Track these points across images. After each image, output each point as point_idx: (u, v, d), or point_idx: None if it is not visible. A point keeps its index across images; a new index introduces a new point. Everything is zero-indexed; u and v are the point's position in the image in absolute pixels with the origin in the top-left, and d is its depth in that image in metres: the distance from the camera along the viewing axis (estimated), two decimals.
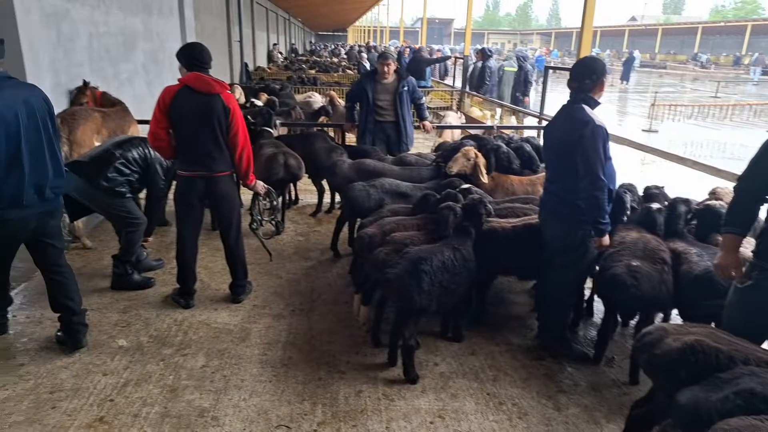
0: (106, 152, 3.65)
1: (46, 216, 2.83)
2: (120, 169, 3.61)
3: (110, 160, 3.59)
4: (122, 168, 3.63)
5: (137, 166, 3.72)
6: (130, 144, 3.77)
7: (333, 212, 5.54)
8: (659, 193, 3.53)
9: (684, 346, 2.08)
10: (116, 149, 3.67)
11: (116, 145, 3.73)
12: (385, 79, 5.28)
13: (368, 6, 29.42)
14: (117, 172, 3.59)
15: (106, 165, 3.57)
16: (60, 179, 2.85)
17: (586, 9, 5.66)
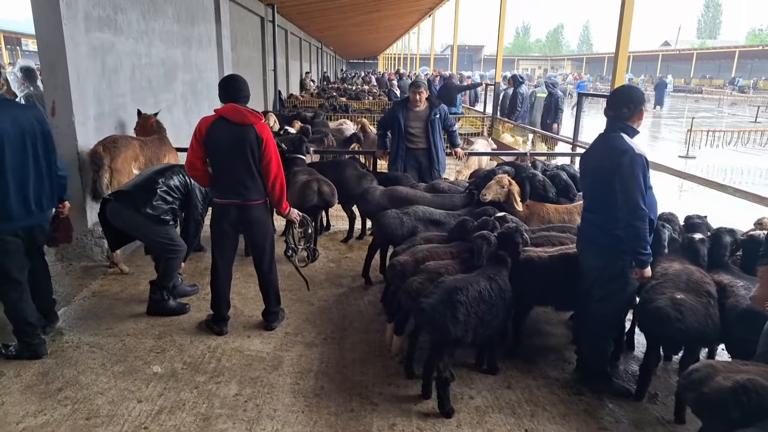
0: (149, 180, 3.75)
1: (35, 229, 3.18)
2: (163, 197, 3.71)
3: (153, 189, 3.69)
4: (165, 196, 3.72)
5: (179, 193, 3.82)
6: (171, 172, 3.88)
7: (364, 239, 5.55)
8: (701, 223, 3.42)
9: (736, 386, 2.00)
10: (158, 177, 3.78)
11: (158, 173, 3.83)
12: (417, 107, 5.34)
13: (399, 34, 30.04)
14: (161, 200, 3.68)
15: (151, 193, 3.67)
16: (46, 195, 3.17)
17: (620, 34, 5.61)
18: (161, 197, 3.69)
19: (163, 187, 3.73)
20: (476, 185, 4.32)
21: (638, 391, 3.00)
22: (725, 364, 2.23)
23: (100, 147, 4.45)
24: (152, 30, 6.13)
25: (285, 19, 16.14)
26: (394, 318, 3.35)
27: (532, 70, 59.97)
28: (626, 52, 5.76)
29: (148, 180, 3.76)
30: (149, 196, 3.64)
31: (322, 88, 21.46)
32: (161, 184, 3.73)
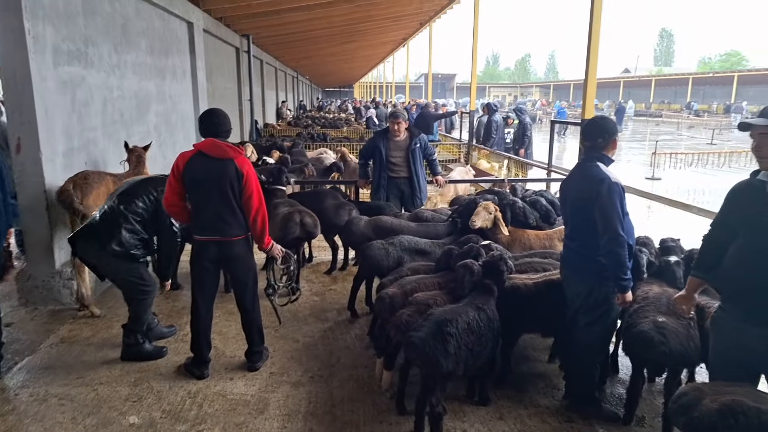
0: (112, 212, 3.49)
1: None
2: (131, 228, 3.47)
3: (118, 221, 3.46)
4: (133, 225, 3.47)
5: (147, 214, 3.54)
6: (134, 195, 3.55)
7: (348, 269, 5.49)
8: (675, 246, 3.52)
9: (722, 408, 2.03)
10: (121, 204, 3.50)
11: (121, 198, 3.55)
12: (397, 136, 5.41)
13: (374, 63, 30.57)
14: (129, 233, 3.47)
15: (116, 226, 3.44)
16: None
17: (588, 65, 5.82)
18: (128, 229, 3.46)
19: (129, 215, 3.47)
20: (459, 213, 4.35)
21: (626, 415, 3.01)
22: (711, 386, 2.27)
23: (70, 184, 4.29)
24: (124, 62, 6.06)
25: (260, 50, 16.25)
26: (383, 352, 3.29)
27: (502, 97, 61.76)
28: (594, 81, 5.97)
29: (111, 211, 3.50)
30: (114, 230, 3.43)
31: (298, 116, 21.55)
32: (126, 212, 3.48)
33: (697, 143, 21.21)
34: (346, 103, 32.67)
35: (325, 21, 12.61)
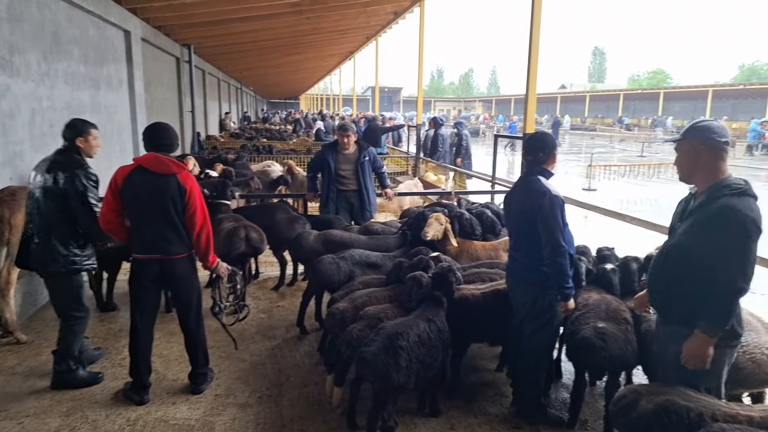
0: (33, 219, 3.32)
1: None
2: (60, 236, 3.27)
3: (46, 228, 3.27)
4: (57, 231, 3.27)
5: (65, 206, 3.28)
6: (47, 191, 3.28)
7: (296, 285, 5.40)
8: (611, 254, 3.70)
9: (657, 408, 2.17)
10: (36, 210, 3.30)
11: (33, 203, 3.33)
12: (346, 149, 5.41)
13: (321, 76, 30.49)
14: (59, 242, 3.27)
15: (44, 235, 3.27)
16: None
17: (529, 81, 6.04)
18: (57, 237, 3.26)
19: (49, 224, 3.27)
20: (409, 225, 4.38)
21: (570, 419, 3.12)
22: (647, 388, 2.40)
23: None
24: (55, 72, 5.72)
25: (202, 60, 15.84)
26: (333, 368, 3.24)
27: (447, 111, 63.23)
28: (534, 97, 6.20)
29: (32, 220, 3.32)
30: (45, 241, 3.26)
31: (242, 127, 21.12)
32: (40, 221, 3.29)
33: (629, 155, 22.57)
34: (294, 114, 32.38)
35: (271, 32, 12.49)
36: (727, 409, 2.12)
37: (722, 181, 2.27)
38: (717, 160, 2.30)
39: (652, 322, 2.98)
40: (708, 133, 2.31)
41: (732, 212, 2.17)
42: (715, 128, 2.32)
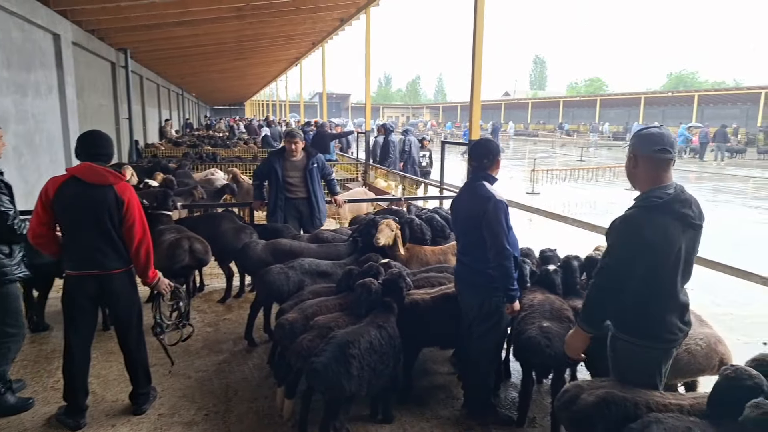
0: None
1: None
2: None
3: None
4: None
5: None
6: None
7: (243, 296, 5.24)
8: (553, 255, 3.84)
9: (598, 400, 2.26)
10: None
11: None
12: (293, 156, 5.33)
13: (266, 81, 29.99)
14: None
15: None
16: None
17: (473, 90, 6.20)
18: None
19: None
20: (360, 232, 4.37)
21: (519, 417, 3.19)
22: (589, 382, 2.49)
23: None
24: None
25: (140, 65, 15.22)
26: (284, 381, 3.18)
27: (396, 118, 63.85)
28: (479, 104, 6.37)
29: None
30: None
31: (184, 135, 20.43)
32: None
33: (569, 160, 23.60)
34: (238, 121, 31.68)
35: (214, 37, 12.18)
36: (660, 399, 2.23)
37: (651, 190, 2.29)
38: (653, 168, 2.29)
39: None
40: (643, 140, 2.32)
41: (612, 226, 2.35)
42: (653, 136, 2.31)
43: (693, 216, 2.27)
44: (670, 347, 2.37)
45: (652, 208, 2.25)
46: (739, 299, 5.70)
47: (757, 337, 4.70)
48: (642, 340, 2.35)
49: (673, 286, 2.31)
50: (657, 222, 2.23)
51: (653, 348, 2.36)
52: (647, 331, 2.34)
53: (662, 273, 2.28)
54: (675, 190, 2.27)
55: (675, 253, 2.26)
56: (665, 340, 2.34)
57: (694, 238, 2.33)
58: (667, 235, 2.22)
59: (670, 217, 2.24)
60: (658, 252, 2.24)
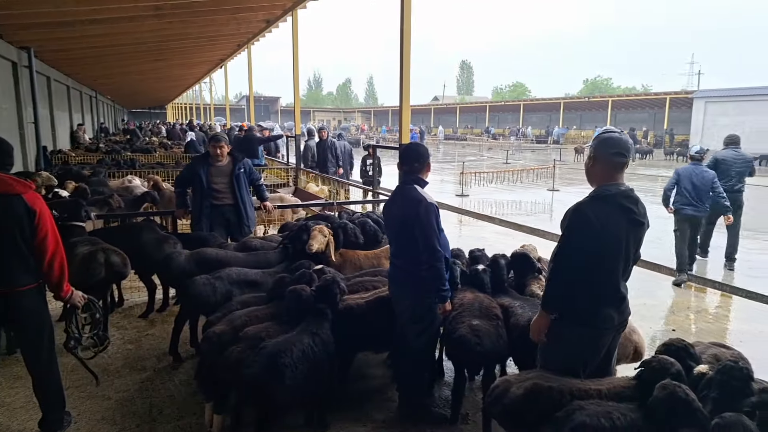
0: None
1: None
2: None
3: None
4: None
5: None
6: None
7: (168, 310, 4.96)
8: (482, 255, 3.97)
9: (526, 392, 2.36)
10: None
11: None
12: (219, 161, 5.13)
13: (189, 84, 28.73)
14: None
15: None
16: None
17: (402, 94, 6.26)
18: None
19: None
20: (291, 238, 4.28)
21: (453, 415, 3.25)
22: (516, 376, 2.60)
23: None
24: None
25: (47, 65, 14.06)
26: (212, 396, 3.04)
27: (327, 121, 63.49)
28: (408, 109, 6.42)
29: None
30: None
31: (99, 139, 19.14)
32: None
33: (496, 163, 24.58)
34: (159, 125, 30.15)
35: (131, 36, 11.47)
36: (581, 386, 2.37)
37: (602, 186, 2.51)
38: (608, 169, 2.51)
39: (519, 316, 3.23)
40: (603, 143, 2.54)
41: (565, 214, 2.54)
42: (612, 140, 2.52)
43: (637, 213, 2.49)
44: (603, 334, 2.56)
45: (599, 198, 2.48)
46: (650, 290, 6.20)
47: (667, 325, 5.12)
48: (579, 326, 2.53)
49: (614, 277, 2.51)
50: (602, 210, 2.46)
51: (587, 334, 2.53)
52: (586, 317, 2.52)
53: (605, 261, 2.48)
54: (624, 188, 2.51)
55: (617, 244, 2.47)
56: (600, 327, 2.53)
57: (639, 236, 2.56)
58: (610, 223, 2.44)
59: (614, 208, 2.46)
60: (601, 238, 2.45)
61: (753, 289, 6.06)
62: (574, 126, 44.03)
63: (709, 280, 6.52)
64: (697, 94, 29.55)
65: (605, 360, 2.67)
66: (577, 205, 2.51)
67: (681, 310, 5.57)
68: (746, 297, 5.98)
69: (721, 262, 7.24)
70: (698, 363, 2.48)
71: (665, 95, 35.20)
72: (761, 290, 6.03)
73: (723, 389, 2.21)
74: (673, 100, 34.40)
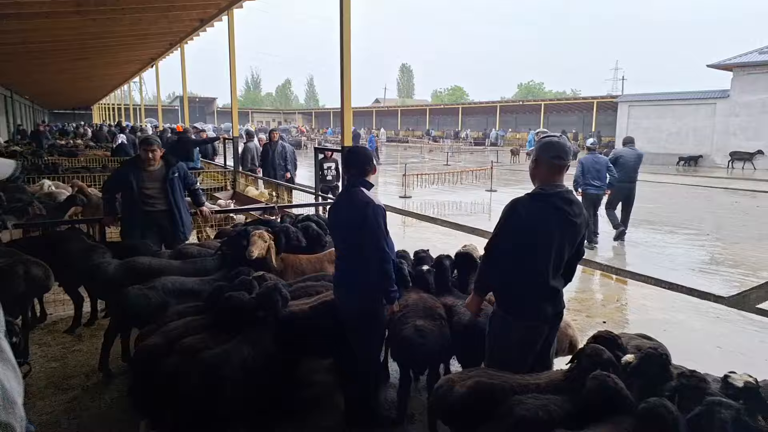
0: None
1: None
2: None
3: None
4: None
5: None
6: None
7: (96, 324, 4.65)
8: (426, 256, 4.02)
9: (468, 390, 2.41)
10: None
11: None
12: (151, 165, 4.87)
13: (117, 83, 27.19)
14: None
15: None
16: None
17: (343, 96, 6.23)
18: None
19: None
20: (229, 245, 4.14)
21: (399, 415, 3.27)
22: (459, 374, 2.64)
23: None
24: None
25: None
26: (147, 412, 2.90)
27: (267, 123, 62.25)
28: (350, 111, 6.39)
29: None
30: None
31: (16, 142, 17.73)
32: None
33: (436, 165, 25.04)
34: (85, 127, 28.38)
35: (49, 33, 10.68)
36: (520, 380, 2.46)
37: (541, 186, 2.66)
38: (549, 171, 2.67)
39: (461, 315, 3.29)
40: (544, 147, 2.70)
41: (504, 207, 2.70)
42: (552, 145, 2.68)
43: (571, 214, 2.63)
44: (539, 327, 2.68)
45: (536, 197, 2.65)
46: (582, 285, 6.53)
47: (598, 318, 5.40)
48: (513, 317, 2.65)
49: (545, 271, 2.63)
50: (536, 208, 2.61)
51: (524, 326, 2.64)
52: (519, 308, 2.65)
53: (535, 256, 2.62)
54: (562, 189, 2.66)
55: (548, 241, 2.60)
56: (536, 319, 2.66)
57: (574, 235, 2.69)
58: (542, 220, 2.59)
59: (549, 207, 2.61)
60: (531, 234, 2.60)
61: (673, 281, 6.53)
62: (509, 128, 45.78)
63: (637, 274, 6.95)
64: (621, 98, 31.23)
65: (544, 353, 2.79)
66: (513, 201, 2.67)
67: (611, 303, 5.89)
68: (668, 288, 6.43)
69: (644, 256, 7.80)
70: (625, 353, 2.63)
71: (593, 99, 37.28)
72: (680, 281, 6.52)
73: (645, 376, 2.38)
74: (600, 104, 36.48)
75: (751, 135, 23.84)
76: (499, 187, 15.93)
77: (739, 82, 24.25)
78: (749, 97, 23.95)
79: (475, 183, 17.06)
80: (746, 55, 24.25)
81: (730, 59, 24.47)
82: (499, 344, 2.73)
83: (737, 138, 24.39)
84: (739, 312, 5.70)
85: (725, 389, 2.24)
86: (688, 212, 12.33)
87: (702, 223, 10.94)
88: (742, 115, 24.28)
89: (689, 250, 8.47)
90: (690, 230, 10.04)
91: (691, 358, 3.18)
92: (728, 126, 24.78)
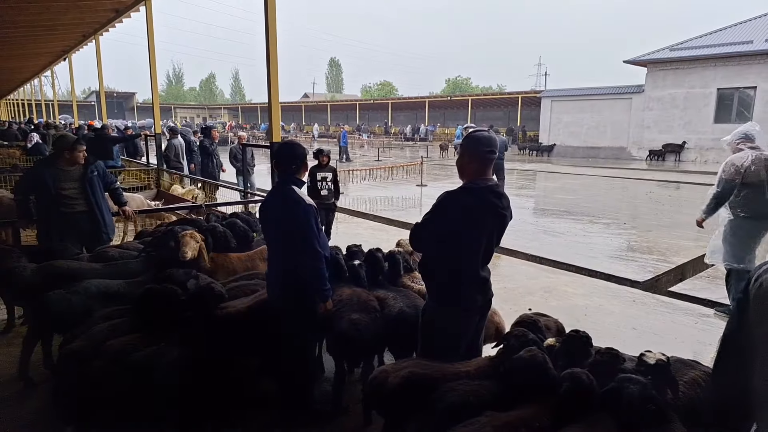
0: None
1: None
2: None
3: None
4: None
5: None
6: None
7: (13, 331, 4.37)
8: (358, 250, 4.10)
9: (402, 380, 2.50)
10: None
11: None
12: (73, 166, 4.62)
13: (26, 77, 24.90)
14: None
15: None
16: None
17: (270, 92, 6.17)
18: None
19: None
20: (154, 245, 4.03)
21: (334, 408, 3.33)
22: (392, 366, 2.73)
23: None
24: None
25: None
26: (74, 419, 2.80)
27: (191, 119, 59.56)
28: (278, 106, 6.31)
29: None
30: None
31: None
32: None
33: (368, 160, 25.21)
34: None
35: None
36: (451, 369, 2.57)
37: (473, 181, 2.72)
38: (479, 164, 2.71)
39: (391, 307, 3.39)
40: (474, 142, 2.74)
41: (439, 196, 2.78)
42: (482, 139, 2.72)
43: (501, 207, 2.75)
44: (469, 315, 2.80)
45: (468, 190, 2.71)
46: (509, 274, 6.86)
47: (523, 306, 5.69)
48: (447, 307, 2.74)
49: (474, 261, 2.74)
50: (468, 201, 2.69)
51: (454, 314, 2.75)
52: (451, 298, 2.74)
53: (465, 246, 2.70)
54: (492, 183, 2.75)
55: (478, 232, 2.70)
56: (465, 307, 2.76)
57: (501, 226, 2.82)
58: (472, 214, 2.67)
59: (480, 200, 2.69)
60: (465, 225, 2.68)
61: (593, 268, 6.98)
62: (438, 123, 46.80)
63: (559, 262, 7.34)
64: (544, 93, 32.11)
65: (474, 340, 2.93)
66: (447, 192, 2.74)
67: (536, 291, 6.17)
68: (588, 275, 6.84)
69: (566, 245, 8.32)
70: (545, 336, 2.80)
71: (518, 95, 38.53)
72: (599, 268, 6.95)
73: (569, 356, 2.52)
74: (524, 99, 37.72)
75: (663, 128, 25.42)
76: (430, 182, 16.36)
77: (653, 77, 25.68)
78: (660, 92, 25.50)
79: (405, 178, 17.42)
80: (658, 52, 25.70)
81: (644, 56, 25.89)
82: (432, 334, 2.80)
83: (650, 131, 25.87)
84: (653, 295, 6.07)
85: (640, 366, 2.36)
86: (607, 203, 13.14)
87: (619, 212, 11.65)
88: (656, 109, 25.76)
89: (607, 238, 8.97)
90: (608, 220, 10.67)
91: (609, 339, 3.36)
92: (643, 119, 26.20)
